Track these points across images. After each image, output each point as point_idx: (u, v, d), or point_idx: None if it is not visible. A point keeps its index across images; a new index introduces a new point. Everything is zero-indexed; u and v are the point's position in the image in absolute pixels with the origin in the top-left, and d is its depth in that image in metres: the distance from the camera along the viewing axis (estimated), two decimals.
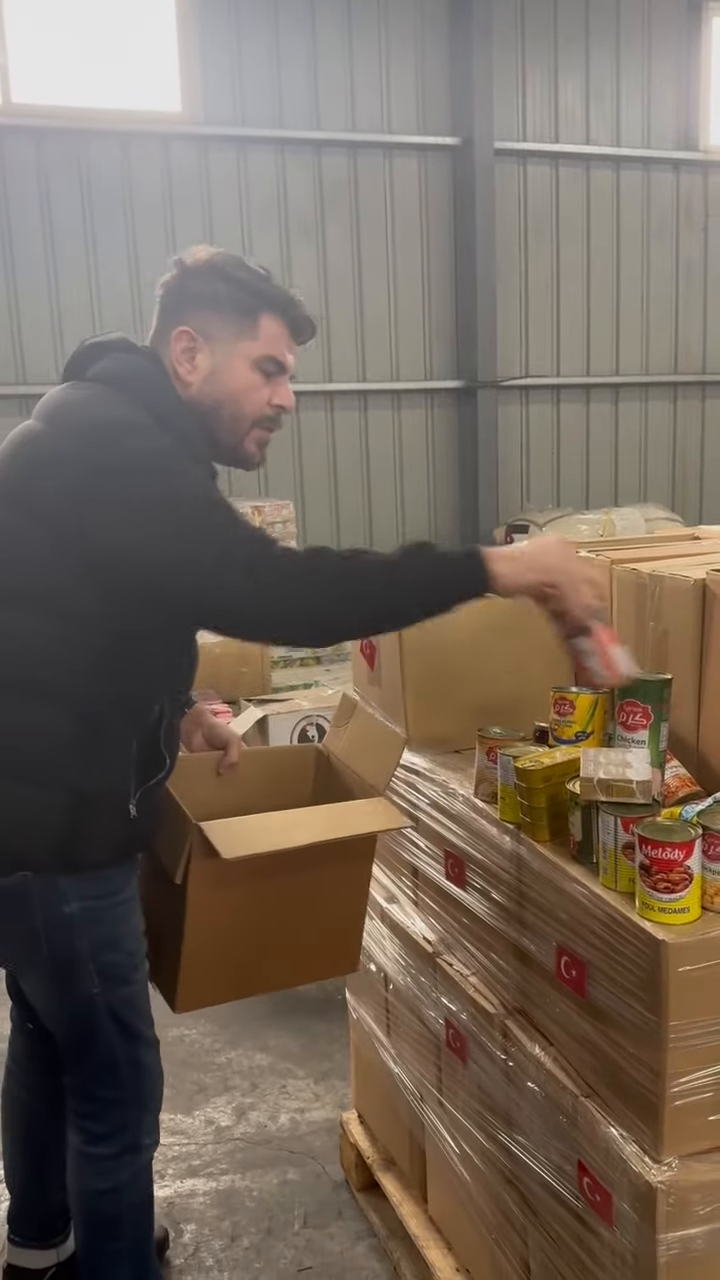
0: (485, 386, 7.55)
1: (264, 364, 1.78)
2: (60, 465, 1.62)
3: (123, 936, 1.78)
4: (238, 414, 1.79)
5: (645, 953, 1.37)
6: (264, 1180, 2.55)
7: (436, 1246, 2.09)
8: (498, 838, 1.72)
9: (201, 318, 1.76)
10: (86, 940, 1.73)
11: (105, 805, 1.70)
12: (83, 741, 1.67)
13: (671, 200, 8.12)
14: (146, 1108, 1.89)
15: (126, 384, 1.71)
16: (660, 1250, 1.37)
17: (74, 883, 1.70)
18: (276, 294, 1.79)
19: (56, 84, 6.47)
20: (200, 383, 1.77)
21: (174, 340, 1.76)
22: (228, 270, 1.77)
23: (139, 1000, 1.83)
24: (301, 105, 7.00)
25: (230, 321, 1.76)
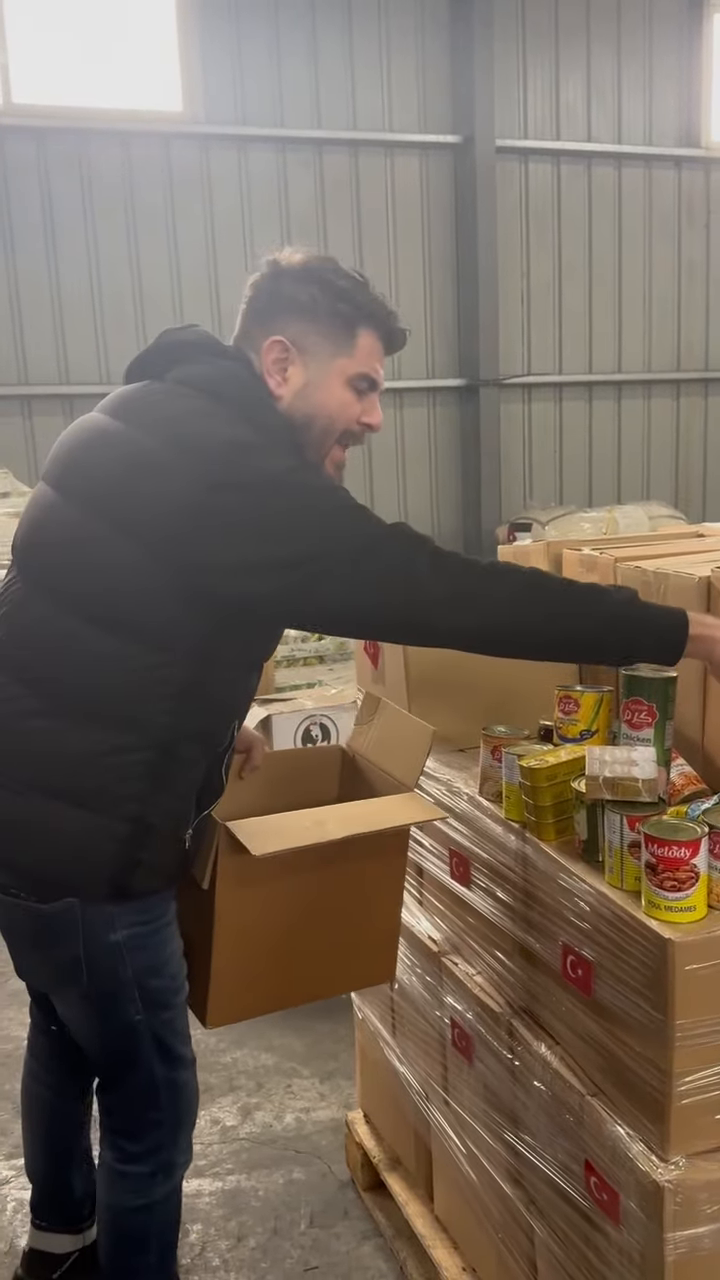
0: (488, 384, 7.55)
1: (358, 381, 1.70)
2: (169, 482, 1.50)
3: (166, 961, 1.72)
4: (328, 430, 1.70)
5: (651, 951, 1.36)
6: (270, 1180, 2.55)
7: (443, 1246, 2.08)
8: (503, 837, 1.72)
9: (297, 328, 1.66)
10: (131, 968, 1.67)
11: (165, 834, 1.64)
12: (156, 772, 1.60)
13: (673, 197, 8.11)
14: (182, 1127, 1.83)
15: (228, 396, 1.60)
16: (668, 1249, 1.37)
17: (122, 910, 1.64)
18: (375, 305, 1.70)
19: (57, 84, 6.47)
20: (291, 397, 1.67)
21: (265, 350, 1.66)
22: (326, 277, 1.68)
23: (179, 1022, 1.78)
24: (302, 104, 7.00)
25: (327, 335, 1.67)
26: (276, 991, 1.89)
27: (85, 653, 1.56)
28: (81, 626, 1.56)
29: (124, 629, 1.55)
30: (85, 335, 6.67)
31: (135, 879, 1.63)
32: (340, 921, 1.87)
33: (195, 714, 1.61)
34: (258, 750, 2.05)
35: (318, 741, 3.62)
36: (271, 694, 4.06)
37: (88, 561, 1.56)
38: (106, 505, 1.55)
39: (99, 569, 1.55)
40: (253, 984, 1.84)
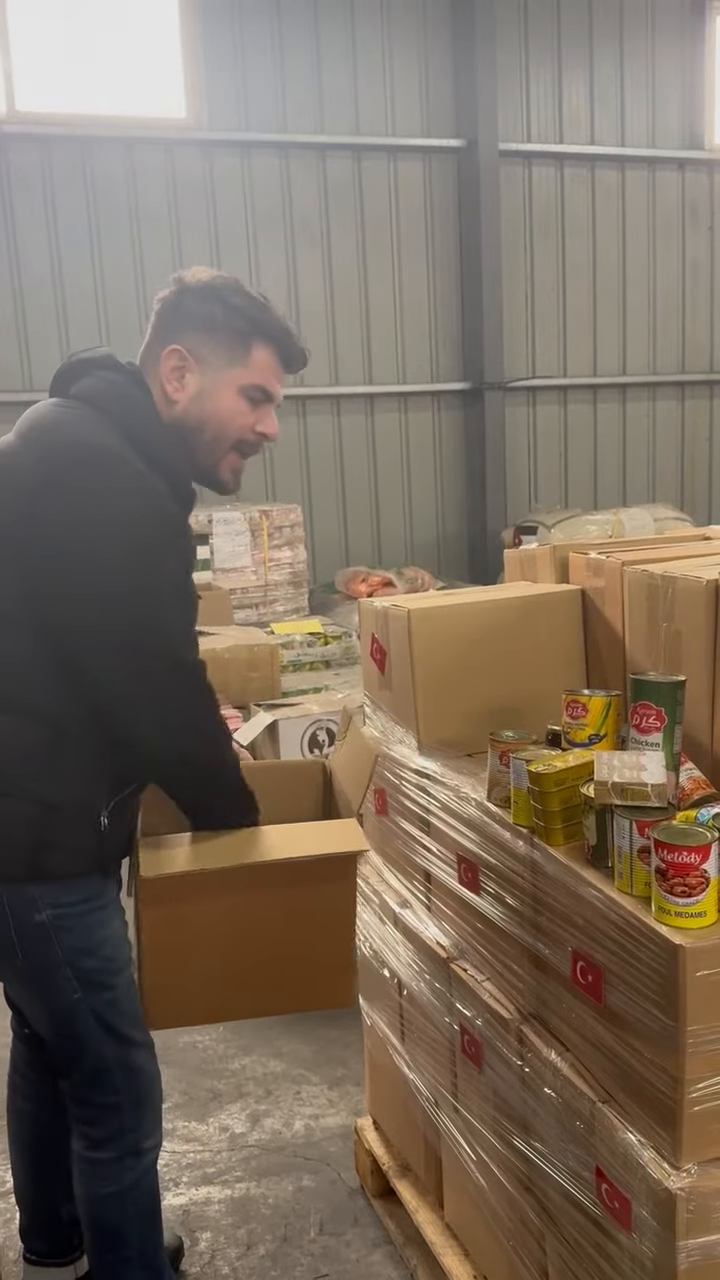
0: (492, 388, 7.54)
1: (251, 391, 1.80)
2: (19, 478, 1.65)
3: (100, 942, 1.78)
4: (219, 436, 1.80)
5: (662, 957, 1.35)
6: (279, 1187, 2.54)
7: (453, 1253, 2.07)
8: (511, 842, 1.71)
9: (195, 339, 1.77)
10: (60, 947, 1.74)
11: (74, 816, 1.72)
12: (50, 753, 1.69)
13: (677, 199, 8.10)
14: (143, 1111, 1.89)
15: (107, 404, 1.72)
16: (680, 1257, 1.36)
17: (44, 890, 1.72)
18: (272, 323, 1.80)
19: (61, 91, 6.48)
20: (186, 402, 1.78)
21: (165, 358, 1.77)
22: (226, 295, 1.78)
23: (124, 1004, 1.83)
24: (305, 109, 7.01)
25: (223, 346, 1.77)
26: (215, 1004, 1.90)
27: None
28: None
29: (7, 619, 1.68)
30: (89, 341, 6.64)
31: (50, 860, 1.71)
32: (280, 945, 1.84)
33: (78, 697, 1.69)
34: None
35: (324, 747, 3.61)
36: (278, 699, 4.05)
37: None
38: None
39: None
40: (187, 994, 1.85)
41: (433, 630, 1.99)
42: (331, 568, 7.03)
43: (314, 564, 6.79)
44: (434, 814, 1.99)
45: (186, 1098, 2.90)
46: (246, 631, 4.51)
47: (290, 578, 6.08)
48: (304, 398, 7.21)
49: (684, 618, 1.74)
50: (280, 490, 7.15)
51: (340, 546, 7.43)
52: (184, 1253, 2.33)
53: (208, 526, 5.75)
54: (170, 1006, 1.86)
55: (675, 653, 1.77)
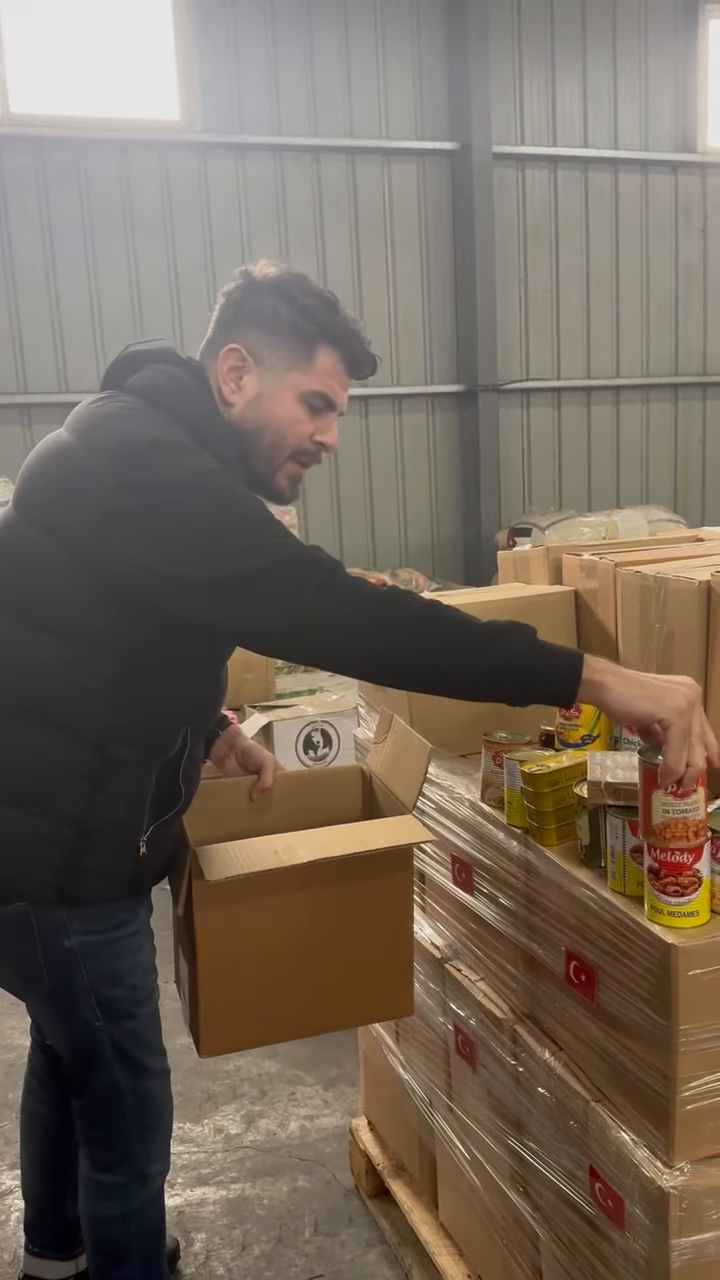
0: (486, 390, 7.55)
1: (312, 399, 1.69)
2: (85, 481, 1.53)
3: (126, 971, 1.72)
4: (277, 443, 1.70)
5: (655, 957, 1.36)
6: (274, 1188, 2.55)
7: (448, 1253, 2.08)
8: (505, 842, 1.72)
9: (256, 338, 1.67)
10: (87, 975, 1.68)
11: (112, 841, 1.64)
12: (91, 773, 1.60)
13: (670, 202, 8.12)
14: (151, 1137, 1.83)
15: (165, 398, 1.62)
16: (673, 1256, 1.37)
17: (74, 916, 1.65)
18: (339, 326, 1.69)
19: (55, 93, 6.48)
20: (243, 405, 1.68)
21: (223, 357, 1.68)
22: (292, 292, 1.67)
23: (145, 1033, 1.78)
24: (299, 112, 7.02)
25: (284, 348, 1.67)
26: (275, 1022, 1.81)
27: (19, 654, 1.59)
28: (16, 628, 1.59)
29: (53, 631, 1.58)
30: (84, 343, 6.67)
31: (84, 886, 1.63)
32: (340, 950, 1.78)
33: (131, 717, 1.61)
34: (269, 771, 1.98)
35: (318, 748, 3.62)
36: (272, 701, 4.06)
37: (21, 565, 1.60)
38: (40, 512, 1.59)
39: (30, 572, 1.59)
40: (246, 1013, 1.77)
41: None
42: None
43: None
44: (428, 814, 1.99)
45: (182, 1099, 2.90)
46: None
47: None
48: None
49: (676, 619, 1.75)
50: None
51: (334, 548, 7.43)
52: (179, 1254, 2.33)
53: None
54: (226, 1027, 1.77)
55: (668, 654, 1.77)
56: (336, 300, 1.72)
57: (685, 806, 1.36)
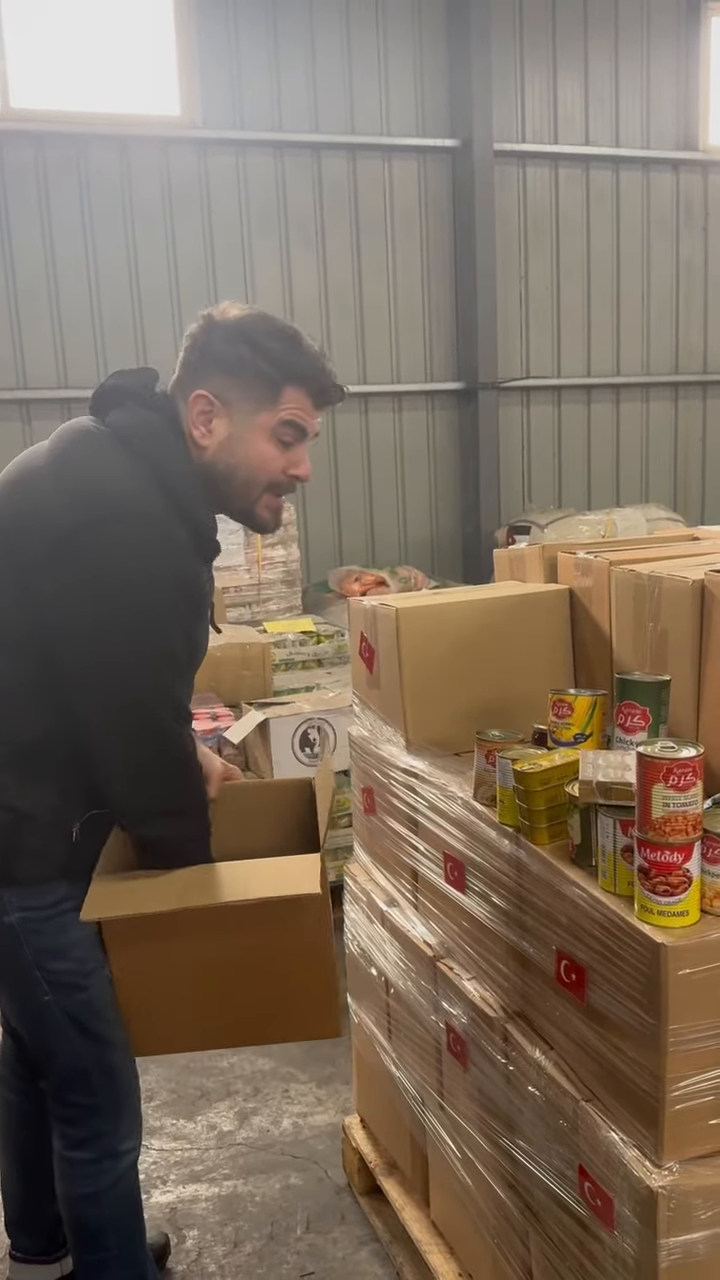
0: (486, 388, 7.54)
1: (282, 433, 1.76)
2: (40, 518, 1.65)
3: (70, 945, 1.78)
4: (251, 481, 1.78)
5: (644, 956, 1.36)
6: (266, 1185, 2.55)
7: (439, 1251, 2.08)
8: (497, 841, 1.72)
9: (222, 382, 1.73)
10: (29, 949, 1.76)
11: (45, 825, 1.73)
12: (20, 763, 1.71)
13: (671, 200, 8.11)
14: (120, 1112, 1.89)
15: (140, 445, 1.70)
16: (661, 1255, 1.37)
17: (13, 894, 1.74)
18: (303, 365, 1.75)
19: (56, 89, 6.47)
20: (215, 448, 1.75)
21: (192, 402, 1.75)
22: (255, 336, 1.73)
23: (99, 1005, 1.82)
24: (300, 108, 7.00)
25: (251, 392, 1.73)
26: (196, 1034, 1.89)
27: None
28: None
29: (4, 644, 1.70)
30: (84, 339, 6.66)
31: (19, 865, 1.73)
32: (252, 980, 1.80)
33: (51, 711, 1.70)
34: (214, 781, 2.03)
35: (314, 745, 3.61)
36: (269, 697, 4.05)
37: None
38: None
39: None
40: (165, 1025, 1.85)
41: (420, 629, 2.00)
42: (325, 567, 7.03)
43: (307, 563, 6.78)
44: (421, 813, 1.99)
45: (175, 1096, 2.90)
46: (239, 630, 4.51)
47: (283, 577, 6.06)
48: None
49: (670, 617, 1.74)
50: None
51: (334, 546, 7.42)
52: (170, 1250, 2.33)
53: None
54: (152, 1035, 1.86)
55: (661, 652, 1.77)
56: (299, 335, 1.77)
57: (685, 800, 1.36)
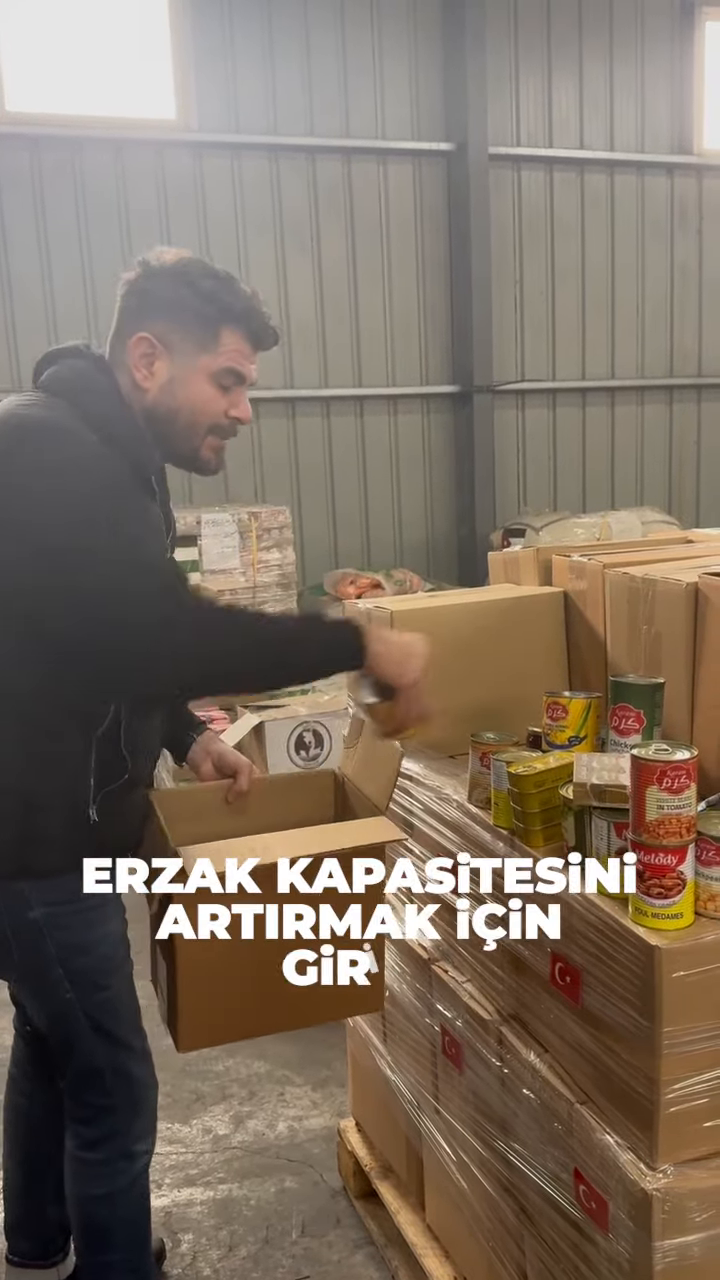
0: (481, 391, 7.55)
1: (222, 377, 1.76)
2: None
3: (94, 942, 1.76)
4: (193, 423, 1.78)
5: (639, 958, 1.36)
6: (262, 1189, 2.54)
7: (434, 1254, 2.08)
8: (491, 843, 1.72)
9: (162, 325, 1.74)
10: (53, 945, 1.73)
11: (60, 811, 1.70)
12: (30, 748, 1.67)
13: (666, 204, 8.12)
14: (137, 1116, 1.88)
15: (63, 387, 1.71)
16: (656, 1258, 1.37)
17: (36, 888, 1.70)
18: (239, 305, 1.76)
19: (51, 92, 6.47)
20: (157, 390, 1.75)
21: (133, 345, 1.74)
22: (192, 277, 1.74)
23: (119, 1006, 1.81)
24: (295, 112, 7.01)
25: (191, 333, 1.74)
26: (251, 1019, 1.83)
27: None
28: None
29: None
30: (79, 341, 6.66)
31: (38, 856, 1.69)
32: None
33: (57, 690, 1.66)
34: (244, 775, 2.01)
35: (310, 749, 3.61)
36: (265, 701, 4.05)
37: None
38: None
39: None
40: (223, 1011, 1.79)
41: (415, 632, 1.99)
42: (320, 570, 7.02)
43: (303, 566, 6.78)
44: (416, 815, 1.99)
45: (170, 1099, 2.89)
46: None
47: (279, 580, 6.06)
48: (293, 400, 7.22)
49: (664, 620, 1.75)
50: (269, 492, 7.14)
51: (329, 549, 7.42)
52: (166, 1254, 2.33)
53: (196, 528, 5.73)
54: (204, 1024, 1.79)
55: (655, 655, 1.77)
56: (234, 278, 1.78)
57: (679, 802, 1.36)
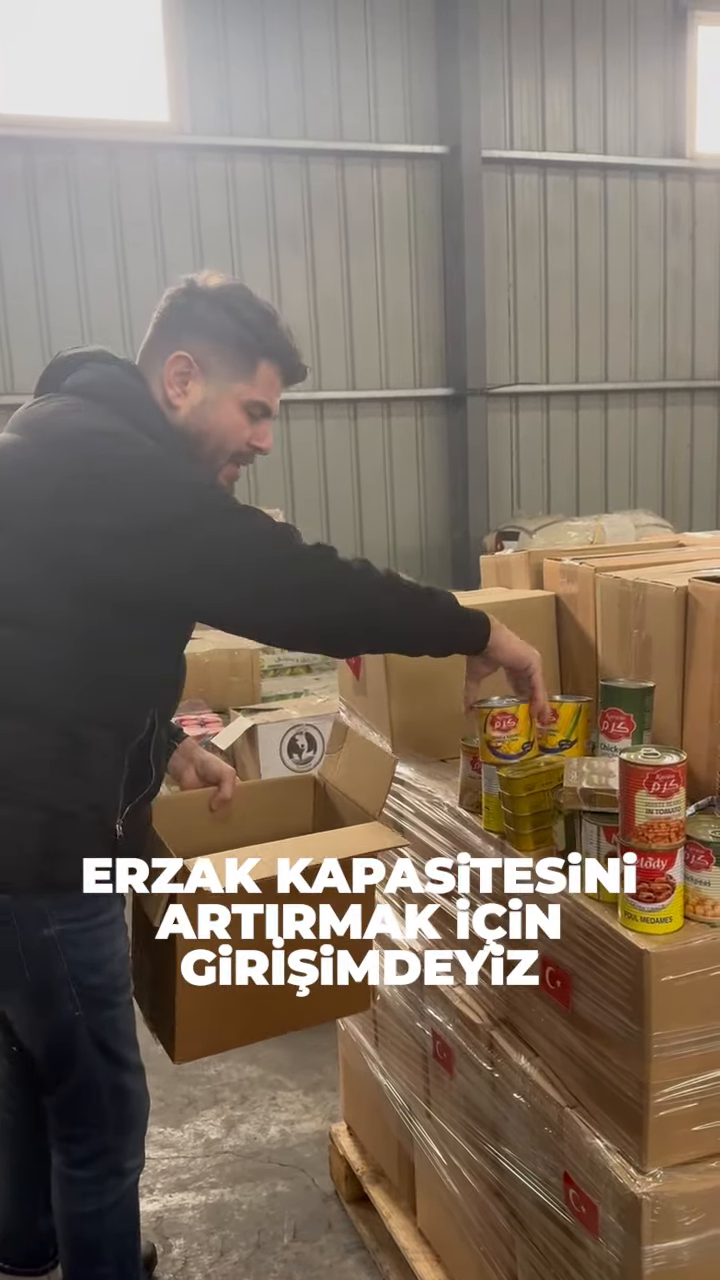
0: (475, 394, 7.56)
1: (252, 407, 1.77)
2: (42, 478, 1.59)
3: (105, 959, 1.73)
4: (220, 448, 1.78)
5: (628, 963, 1.36)
6: (253, 1193, 2.54)
7: (425, 1259, 2.07)
8: (482, 847, 1.72)
9: (202, 347, 1.73)
10: (66, 963, 1.69)
11: (89, 824, 1.67)
12: (65, 759, 1.63)
13: (659, 207, 8.15)
14: (129, 1133, 1.84)
15: (104, 396, 1.69)
16: (645, 1262, 1.37)
17: (53, 904, 1.66)
18: (279, 342, 1.77)
19: (44, 94, 6.47)
20: (188, 410, 1.75)
21: (170, 361, 1.73)
22: (237, 305, 1.74)
23: (122, 1024, 1.78)
24: (289, 114, 7.02)
25: (229, 360, 1.74)
26: (246, 1026, 1.84)
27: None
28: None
29: (15, 621, 1.61)
30: (71, 344, 6.66)
31: (60, 870, 1.65)
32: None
33: (96, 699, 1.65)
34: (228, 783, 2.01)
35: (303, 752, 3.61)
36: (257, 704, 4.05)
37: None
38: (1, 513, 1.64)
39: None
40: (220, 1019, 1.79)
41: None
42: None
43: None
44: (407, 819, 1.99)
45: (162, 1104, 2.89)
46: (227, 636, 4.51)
47: None
48: (287, 403, 7.21)
49: (654, 624, 1.75)
50: (263, 495, 7.15)
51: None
52: (157, 1259, 2.32)
53: None
54: (199, 1036, 1.80)
55: (645, 659, 1.77)
56: (276, 314, 1.79)
57: (668, 806, 1.36)
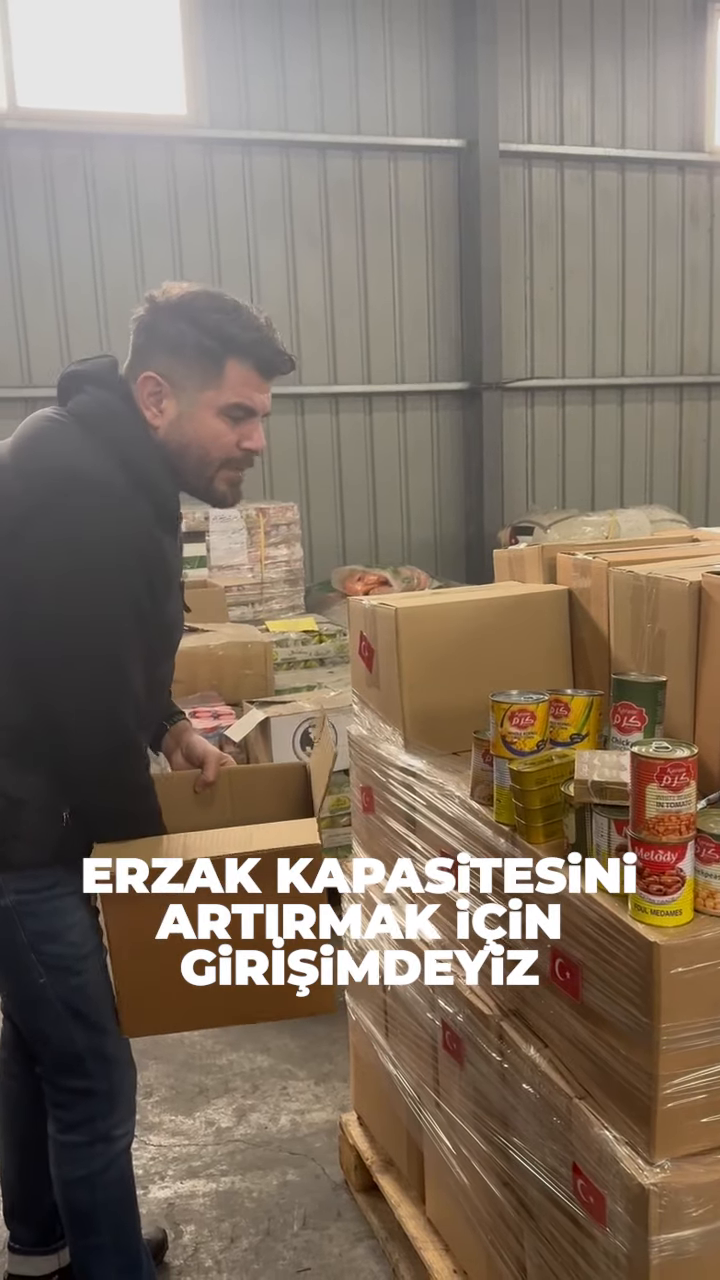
0: (490, 388, 7.54)
1: (231, 411, 1.78)
2: (8, 504, 1.68)
3: (64, 929, 1.81)
4: (204, 459, 1.80)
5: (638, 955, 1.37)
6: (264, 1182, 2.56)
7: (434, 1248, 2.09)
8: (493, 839, 1.73)
9: (166, 363, 1.76)
10: (24, 932, 1.79)
11: (36, 810, 1.75)
12: (14, 752, 1.73)
13: (677, 201, 8.11)
14: (115, 1100, 1.91)
15: (98, 425, 1.73)
16: (653, 1252, 1.37)
17: (6, 878, 1.77)
18: (246, 336, 1.76)
19: (62, 88, 6.48)
20: (166, 427, 1.78)
21: (140, 384, 1.77)
22: (195, 311, 1.75)
23: (93, 990, 1.84)
24: (306, 108, 7.01)
25: (194, 370, 1.75)
26: (190, 1013, 1.84)
27: None
28: None
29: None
30: (89, 338, 6.67)
31: (13, 851, 1.76)
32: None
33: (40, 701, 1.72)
34: (211, 765, 2.06)
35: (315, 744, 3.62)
36: (270, 696, 4.06)
37: None
38: None
39: None
40: (159, 1003, 1.82)
41: (420, 629, 2.01)
42: (328, 566, 7.04)
43: (310, 562, 6.79)
44: (419, 811, 2.00)
45: (174, 1092, 2.91)
46: (240, 629, 4.52)
47: (286, 576, 6.08)
48: (302, 396, 7.22)
49: (667, 619, 1.75)
50: (277, 488, 7.15)
51: (337, 545, 7.44)
52: (168, 1245, 2.35)
53: (204, 524, 5.76)
54: (144, 1013, 1.84)
55: (658, 653, 1.78)
56: (240, 306, 1.78)
57: (678, 800, 1.36)
